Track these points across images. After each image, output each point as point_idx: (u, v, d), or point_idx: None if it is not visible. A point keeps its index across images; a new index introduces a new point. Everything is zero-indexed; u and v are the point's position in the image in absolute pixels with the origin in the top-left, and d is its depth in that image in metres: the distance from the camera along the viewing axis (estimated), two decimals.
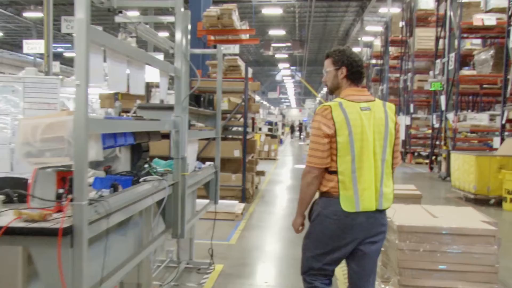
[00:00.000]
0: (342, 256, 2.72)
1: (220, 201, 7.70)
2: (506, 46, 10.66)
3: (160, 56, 3.38)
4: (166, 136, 3.53)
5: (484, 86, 17.10)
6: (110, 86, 2.12)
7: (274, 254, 5.84)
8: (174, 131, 3.18)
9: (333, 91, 2.80)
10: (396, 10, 24.49)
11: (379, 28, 28.46)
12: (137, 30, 3.32)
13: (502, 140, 10.54)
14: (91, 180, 2.65)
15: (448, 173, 12.82)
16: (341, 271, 4.71)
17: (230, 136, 9.62)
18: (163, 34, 11.18)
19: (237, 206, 7.72)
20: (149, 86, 5.16)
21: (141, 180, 2.80)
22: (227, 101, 8.73)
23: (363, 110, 2.59)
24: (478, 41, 17.30)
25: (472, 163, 9.19)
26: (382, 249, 4.35)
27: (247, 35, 13.70)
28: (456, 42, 13.50)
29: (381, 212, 2.67)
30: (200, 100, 4.21)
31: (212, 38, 13.08)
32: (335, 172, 2.59)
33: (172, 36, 3.20)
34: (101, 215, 1.97)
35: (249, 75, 11.09)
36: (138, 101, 3.68)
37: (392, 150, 2.68)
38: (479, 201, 9.36)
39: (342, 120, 2.54)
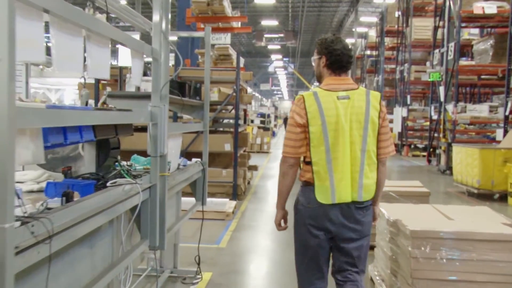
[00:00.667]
0: (320, 247, 2.65)
1: (210, 199, 7.21)
2: (511, 34, 10.19)
3: (136, 37, 2.85)
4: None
5: (482, 77, 16.71)
6: (55, 65, 1.60)
7: (269, 258, 5.35)
8: (151, 124, 2.67)
9: (319, 80, 2.77)
10: (391, 0, 24.00)
11: (374, 19, 28.00)
12: (108, 5, 2.79)
13: (505, 132, 10.09)
14: (43, 184, 2.14)
15: (448, 166, 12.40)
16: None
17: (222, 129, 9.11)
18: None
19: (228, 204, 7.22)
20: (121, 72, 4.61)
21: (108, 183, 2.29)
22: (217, 92, 8.21)
23: (341, 99, 2.54)
24: (476, 31, 16.87)
25: (475, 156, 8.74)
26: (390, 254, 3.90)
27: (239, 23, 13.15)
28: (455, 31, 13.02)
29: (359, 208, 2.60)
30: (184, 88, 3.70)
31: (202, 25, 12.54)
32: (310, 163, 2.57)
33: None
34: (39, 238, 1.46)
35: (241, 65, 10.57)
36: (109, 89, 3.17)
37: (376, 139, 2.61)
38: (483, 196, 8.93)
39: (315, 110, 2.52)
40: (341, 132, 2.50)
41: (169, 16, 2.83)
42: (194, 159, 4.28)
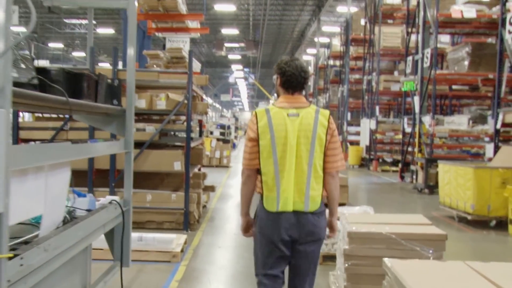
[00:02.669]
0: (278, 255, 2.76)
1: (152, 235, 5.59)
2: (501, 38, 9.14)
3: None
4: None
5: (453, 87, 15.84)
6: None
7: None
8: None
9: (278, 97, 2.90)
10: (354, 9, 23.09)
11: (336, 29, 27.14)
12: None
13: (496, 147, 8.98)
14: None
15: (426, 185, 11.26)
16: None
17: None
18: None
19: (176, 240, 5.63)
20: None
21: None
22: (164, 99, 6.68)
23: (290, 116, 2.72)
24: (447, 39, 16.04)
25: (469, 176, 7.50)
26: None
27: (197, 24, 11.67)
28: (431, 37, 11.99)
29: (311, 214, 2.72)
30: (81, 83, 2.17)
31: (153, 25, 11.01)
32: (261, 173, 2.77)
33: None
34: None
35: (197, 70, 9.10)
36: None
37: (324, 154, 2.75)
38: (476, 222, 7.71)
39: (265, 125, 2.72)
40: (289, 147, 2.68)
41: None
42: (108, 197, 2.74)
